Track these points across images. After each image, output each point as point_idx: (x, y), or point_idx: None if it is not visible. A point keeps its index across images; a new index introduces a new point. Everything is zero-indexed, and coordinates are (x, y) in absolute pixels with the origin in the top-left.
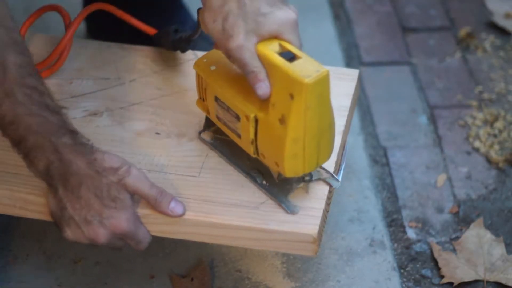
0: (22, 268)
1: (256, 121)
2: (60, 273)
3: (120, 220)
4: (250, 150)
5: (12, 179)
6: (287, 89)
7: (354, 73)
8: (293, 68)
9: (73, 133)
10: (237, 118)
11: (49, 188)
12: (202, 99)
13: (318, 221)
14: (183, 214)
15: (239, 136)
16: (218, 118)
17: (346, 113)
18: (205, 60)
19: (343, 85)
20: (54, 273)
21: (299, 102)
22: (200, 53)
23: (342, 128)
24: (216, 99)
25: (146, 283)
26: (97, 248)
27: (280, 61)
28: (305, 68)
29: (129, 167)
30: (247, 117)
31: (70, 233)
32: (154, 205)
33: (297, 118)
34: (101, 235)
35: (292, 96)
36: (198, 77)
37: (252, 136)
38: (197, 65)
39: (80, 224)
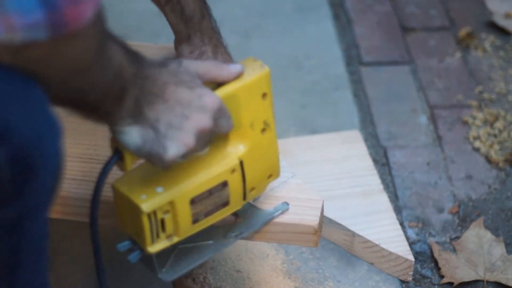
0: None
1: (241, 163)
2: (60, 273)
3: (211, 94)
4: (239, 203)
5: None
6: (259, 92)
7: (355, 134)
8: (250, 69)
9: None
10: (224, 185)
11: (134, 124)
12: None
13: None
14: (242, 70)
15: (227, 204)
16: (197, 221)
17: (375, 171)
18: (143, 196)
19: (353, 147)
20: (54, 273)
21: (270, 93)
22: None
23: (381, 186)
24: (193, 201)
25: (146, 283)
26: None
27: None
28: (251, 65)
29: (175, 57)
30: (234, 169)
31: (173, 146)
32: (219, 71)
33: (272, 110)
34: (205, 119)
35: (265, 94)
36: (153, 215)
37: (241, 183)
38: (144, 204)
39: (181, 124)
